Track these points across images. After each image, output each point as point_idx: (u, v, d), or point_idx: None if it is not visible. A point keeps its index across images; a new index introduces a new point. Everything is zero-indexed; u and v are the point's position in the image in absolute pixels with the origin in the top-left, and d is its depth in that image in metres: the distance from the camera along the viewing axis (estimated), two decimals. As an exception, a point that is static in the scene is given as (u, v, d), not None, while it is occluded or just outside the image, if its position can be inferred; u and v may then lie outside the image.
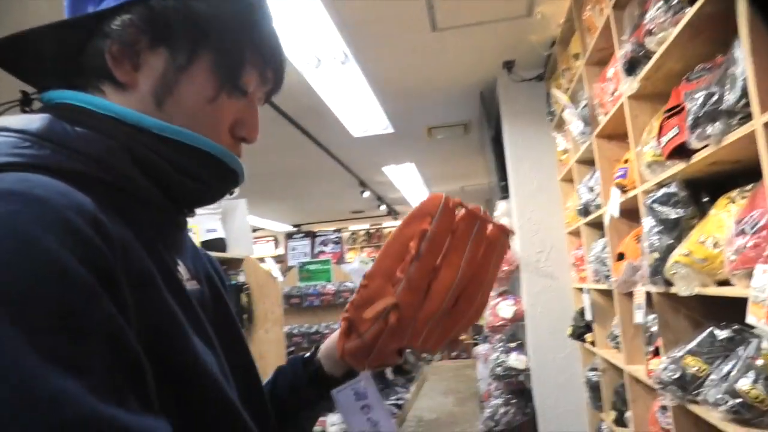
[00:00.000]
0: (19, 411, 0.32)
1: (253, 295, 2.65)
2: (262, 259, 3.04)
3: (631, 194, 1.80)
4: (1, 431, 0.31)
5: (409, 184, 6.35)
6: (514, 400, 3.10)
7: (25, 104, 0.53)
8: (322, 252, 6.54)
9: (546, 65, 3.11)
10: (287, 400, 0.71)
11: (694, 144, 1.22)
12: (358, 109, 3.66)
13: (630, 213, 1.91)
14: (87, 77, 0.53)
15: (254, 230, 9.24)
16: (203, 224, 2.56)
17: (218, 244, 2.63)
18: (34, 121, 0.46)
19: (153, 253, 0.49)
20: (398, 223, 0.65)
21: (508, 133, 3.25)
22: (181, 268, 0.56)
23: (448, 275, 0.61)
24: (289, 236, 6.72)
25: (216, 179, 0.56)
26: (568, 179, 2.91)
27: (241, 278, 2.63)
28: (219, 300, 0.62)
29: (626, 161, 1.88)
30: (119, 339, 0.38)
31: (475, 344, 6.18)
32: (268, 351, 2.61)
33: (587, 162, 2.51)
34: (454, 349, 5.03)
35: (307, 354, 0.74)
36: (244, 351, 0.63)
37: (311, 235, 6.74)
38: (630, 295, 1.92)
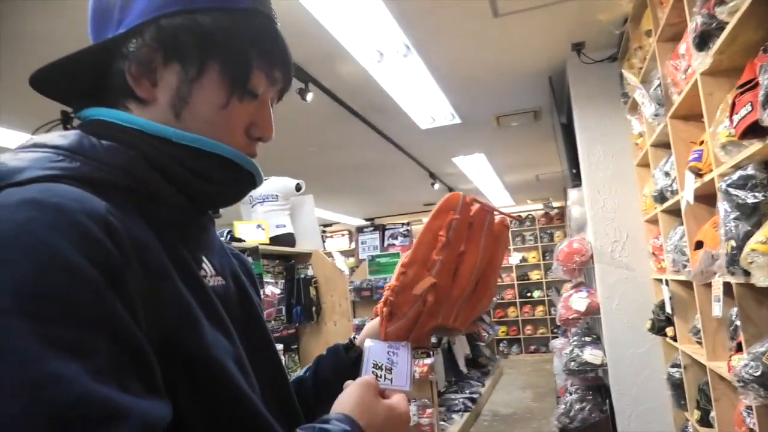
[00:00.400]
0: (18, 390, 0.35)
1: (321, 289, 2.73)
2: (330, 254, 3.12)
3: (707, 178, 1.67)
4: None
5: (481, 174, 6.24)
6: (590, 396, 2.98)
7: (66, 122, 0.59)
8: (391, 245, 6.58)
9: (619, 44, 2.93)
10: (330, 380, 0.78)
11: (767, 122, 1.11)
12: (423, 101, 3.65)
13: (709, 198, 1.77)
14: (115, 96, 0.58)
15: (329, 224, 9.46)
16: (272, 220, 2.66)
17: (287, 239, 2.73)
18: (66, 137, 0.52)
19: (173, 251, 0.53)
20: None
21: (579, 117, 3.10)
22: (206, 265, 0.60)
23: (471, 260, 0.73)
24: (360, 230, 6.83)
25: (233, 181, 0.60)
26: (645, 164, 2.74)
27: (310, 272, 2.72)
28: (245, 297, 0.66)
29: (701, 143, 1.74)
30: (122, 329, 0.42)
31: (554, 337, 5.99)
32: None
33: (663, 145, 2.35)
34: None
35: (344, 343, 0.82)
36: (269, 347, 0.66)
37: (381, 229, 6.80)
38: (710, 286, 1.78)
